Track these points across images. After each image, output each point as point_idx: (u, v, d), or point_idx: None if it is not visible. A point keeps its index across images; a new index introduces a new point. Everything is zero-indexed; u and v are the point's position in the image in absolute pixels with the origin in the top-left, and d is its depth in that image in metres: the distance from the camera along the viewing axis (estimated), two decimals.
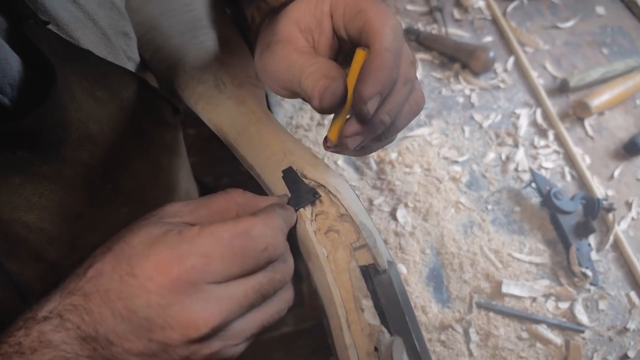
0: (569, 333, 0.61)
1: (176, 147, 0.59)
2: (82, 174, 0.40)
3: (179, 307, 0.27)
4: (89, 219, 0.42)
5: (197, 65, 0.46)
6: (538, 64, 0.88)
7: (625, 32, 0.92)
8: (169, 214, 0.32)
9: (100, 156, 0.42)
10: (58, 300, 0.29)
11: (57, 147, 0.38)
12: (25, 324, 0.28)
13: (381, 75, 0.31)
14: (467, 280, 0.65)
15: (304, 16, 0.36)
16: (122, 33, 0.45)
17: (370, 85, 0.31)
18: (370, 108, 0.32)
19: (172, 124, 0.57)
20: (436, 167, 0.75)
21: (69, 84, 0.38)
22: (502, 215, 0.71)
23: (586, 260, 0.65)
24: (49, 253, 0.39)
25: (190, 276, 0.28)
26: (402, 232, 0.69)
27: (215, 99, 0.44)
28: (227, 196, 0.34)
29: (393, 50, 0.32)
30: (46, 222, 0.38)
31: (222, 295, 0.28)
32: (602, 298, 0.63)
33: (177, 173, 0.58)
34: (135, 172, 0.48)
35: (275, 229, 0.31)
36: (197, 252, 0.28)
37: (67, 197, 0.39)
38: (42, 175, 0.37)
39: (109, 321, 0.28)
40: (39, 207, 0.37)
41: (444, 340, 0.61)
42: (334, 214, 0.37)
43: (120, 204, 0.46)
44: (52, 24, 0.37)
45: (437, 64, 0.88)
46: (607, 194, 0.73)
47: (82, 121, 0.39)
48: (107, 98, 0.42)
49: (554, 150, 0.77)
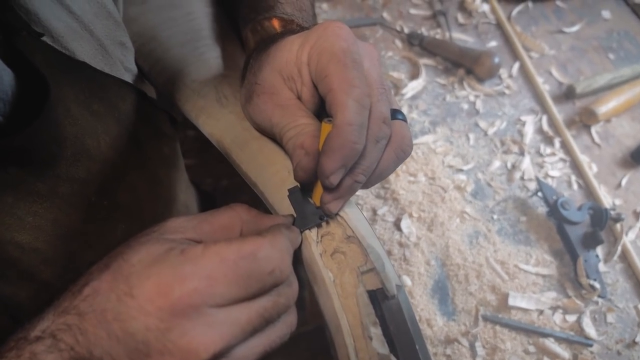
0: (577, 347, 0.60)
1: (174, 159, 0.57)
2: (78, 190, 0.39)
3: (179, 331, 0.26)
4: (85, 236, 0.41)
5: (198, 78, 0.45)
6: (544, 70, 0.86)
7: (632, 36, 0.91)
8: (170, 230, 0.31)
9: (97, 171, 0.41)
10: (51, 319, 0.27)
11: (51, 164, 0.36)
12: (17, 344, 0.27)
13: (343, 151, 0.31)
14: (473, 292, 0.64)
15: (286, 65, 0.36)
16: (119, 43, 0.44)
17: (331, 161, 0.31)
18: (332, 181, 0.32)
19: (170, 135, 0.56)
20: (441, 176, 0.73)
21: (64, 97, 0.37)
22: (508, 225, 0.70)
23: (594, 271, 0.64)
24: (42, 273, 0.38)
25: (192, 299, 0.26)
26: (406, 242, 0.67)
27: (216, 114, 0.42)
28: (231, 212, 0.33)
29: (356, 124, 0.31)
30: (40, 242, 0.37)
31: (225, 320, 0.27)
32: (610, 311, 0.62)
33: (176, 185, 0.57)
34: (133, 186, 0.47)
35: (282, 251, 0.30)
36: (200, 273, 0.27)
37: (63, 215, 0.38)
38: (37, 193, 0.36)
39: (104, 343, 0.26)
40: (33, 227, 0.36)
41: (450, 354, 0.59)
42: (340, 235, 0.35)
43: (118, 219, 0.45)
44: (46, 36, 0.35)
45: (441, 70, 0.87)
46: (614, 203, 0.71)
47: (77, 136, 0.38)
48: (103, 111, 0.41)
49: (560, 159, 0.76)
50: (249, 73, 0.39)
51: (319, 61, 0.34)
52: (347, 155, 0.32)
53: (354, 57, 0.33)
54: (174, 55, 0.47)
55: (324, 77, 0.33)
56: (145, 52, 0.48)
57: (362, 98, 0.32)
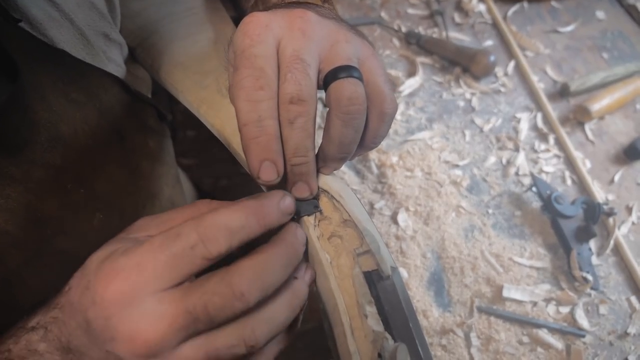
0: (570, 338, 0.61)
1: (160, 153, 0.57)
2: (54, 176, 0.40)
3: (117, 319, 0.27)
4: (59, 223, 0.41)
5: (200, 70, 0.46)
6: (538, 68, 0.88)
7: (626, 36, 0.92)
8: (136, 229, 0.32)
9: (73, 159, 0.41)
10: (44, 311, 0.30)
11: (25, 148, 0.37)
12: (16, 332, 0.30)
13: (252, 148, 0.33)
14: (468, 284, 0.65)
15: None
16: (102, 34, 0.44)
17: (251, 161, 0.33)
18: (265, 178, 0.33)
19: (156, 129, 0.56)
20: (437, 171, 0.75)
21: (39, 84, 0.37)
22: (503, 219, 0.71)
23: (587, 264, 0.65)
24: (12, 257, 0.38)
25: (126, 287, 0.27)
26: (403, 236, 0.69)
27: (217, 104, 0.43)
28: (193, 207, 0.33)
29: (249, 123, 0.32)
30: (11, 225, 0.37)
31: (160, 310, 0.27)
32: (602, 302, 0.63)
33: (160, 179, 0.57)
34: (112, 177, 0.47)
35: (210, 226, 0.29)
36: (131, 263, 0.28)
37: (36, 200, 0.38)
38: (10, 176, 0.36)
39: (77, 333, 0.29)
40: (4, 209, 0.36)
41: (445, 344, 0.61)
42: (337, 220, 0.36)
43: (95, 209, 0.45)
44: (24, 22, 0.36)
45: (437, 68, 0.88)
46: (607, 199, 0.73)
47: (51, 122, 0.38)
48: (83, 100, 0.42)
49: (554, 155, 0.77)
50: None
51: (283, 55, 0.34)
52: (258, 151, 0.32)
53: (246, 55, 0.33)
54: (175, 48, 0.49)
55: None
56: (148, 46, 0.50)
57: (250, 94, 0.32)
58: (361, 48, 0.36)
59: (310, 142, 0.34)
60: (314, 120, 0.34)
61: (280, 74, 0.33)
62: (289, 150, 0.33)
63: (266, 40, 0.33)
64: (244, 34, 0.33)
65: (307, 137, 0.34)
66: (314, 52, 0.34)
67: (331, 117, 0.34)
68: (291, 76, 0.33)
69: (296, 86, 0.32)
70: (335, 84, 0.33)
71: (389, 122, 0.37)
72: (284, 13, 0.35)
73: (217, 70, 0.46)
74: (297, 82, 0.33)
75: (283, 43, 0.33)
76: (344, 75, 0.33)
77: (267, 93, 0.32)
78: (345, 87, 0.33)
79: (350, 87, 0.33)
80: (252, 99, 0.32)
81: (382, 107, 0.35)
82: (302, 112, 0.33)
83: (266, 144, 0.32)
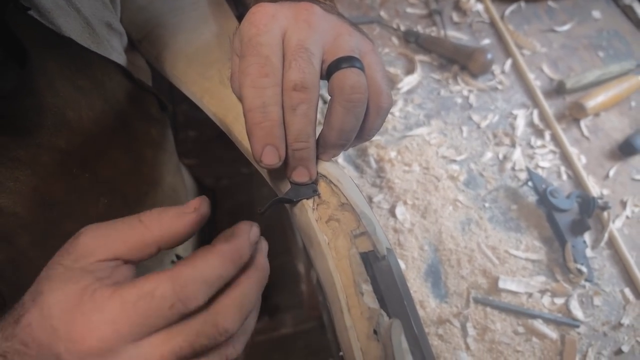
0: (564, 328, 0.62)
1: (162, 141, 0.58)
2: (60, 161, 0.41)
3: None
4: (65, 206, 0.42)
5: (203, 61, 0.47)
6: (535, 66, 0.89)
7: (621, 35, 0.94)
8: (83, 255, 0.29)
9: (78, 144, 0.42)
10: (1, 339, 0.28)
11: (33, 132, 0.38)
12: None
13: (256, 133, 0.34)
14: (465, 276, 0.66)
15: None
16: (106, 24, 0.45)
17: (254, 145, 0.34)
18: (267, 162, 0.34)
19: (158, 118, 0.57)
20: (435, 166, 0.76)
21: (48, 70, 0.38)
22: (499, 213, 0.72)
23: (581, 257, 0.66)
24: (20, 238, 0.39)
25: (102, 345, 0.27)
26: (401, 228, 0.70)
27: (220, 93, 0.45)
28: (142, 229, 0.30)
29: (254, 108, 0.33)
30: (20, 207, 0.38)
31: (144, 355, 0.27)
32: (596, 294, 0.65)
33: (162, 167, 0.58)
34: (115, 162, 0.48)
35: (188, 284, 0.28)
36: (105, 319, 0.27)
37: (43, 183, 0.39)
38: (18, 160, 0.37)
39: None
40: (13, 192, 0.37)
41: (442, 334, 0.62)
42: (335, 204, 0.38)
43: (99, 193, 0.46)
44: (33, 10, 0.37)
45: (436, 66, 0.90)
46: (602, 193, 0.74)
47: (58, 107, 0.39)
48: (89, 86, 0.43)
49: (550, 150, 0.78)
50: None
51: (287, 46, 0.35)
52: (262, 136, 0.33)
53: (253, 43, 0.34)
54: (180, 41, 0.50)
55: None
56: (153, 38, 0.51)
57: (255, 81, 0.33)
58: (362, 43, 0.38)
59: (311, 128, 0.35)
60: (316, 107, 0.36)
61: (285, 62, 0.34)
62: (291, 135, 0.35)
63: (272, 29, 0.34)
64: (250, 23, 0.34)
65: (308, 123, 0.35)
66: (319, 43, 0.35)
67: (333, 105, 0.35)
68: (295, 64, 0.34)
69: (300, 74, 0.34)
70: (338, 73, 0.35)
71: (384, 116, 0.38)
72: (291, 5, 0.36)
73: (219, 62, 0.47)
74: (301, 70, 0.34)
75: (289, 33, 0.35)
76: (347, 66, 0.35)
77: (272, 80, 0.33)
78: (348, 75, 0.34)
79: (353, 76, 0.34)
80: (257, 85, 0.33)
81: (379, 101, 0.37)
82: (305, 99, 0.34)
83: (269, 130, 0.33)
